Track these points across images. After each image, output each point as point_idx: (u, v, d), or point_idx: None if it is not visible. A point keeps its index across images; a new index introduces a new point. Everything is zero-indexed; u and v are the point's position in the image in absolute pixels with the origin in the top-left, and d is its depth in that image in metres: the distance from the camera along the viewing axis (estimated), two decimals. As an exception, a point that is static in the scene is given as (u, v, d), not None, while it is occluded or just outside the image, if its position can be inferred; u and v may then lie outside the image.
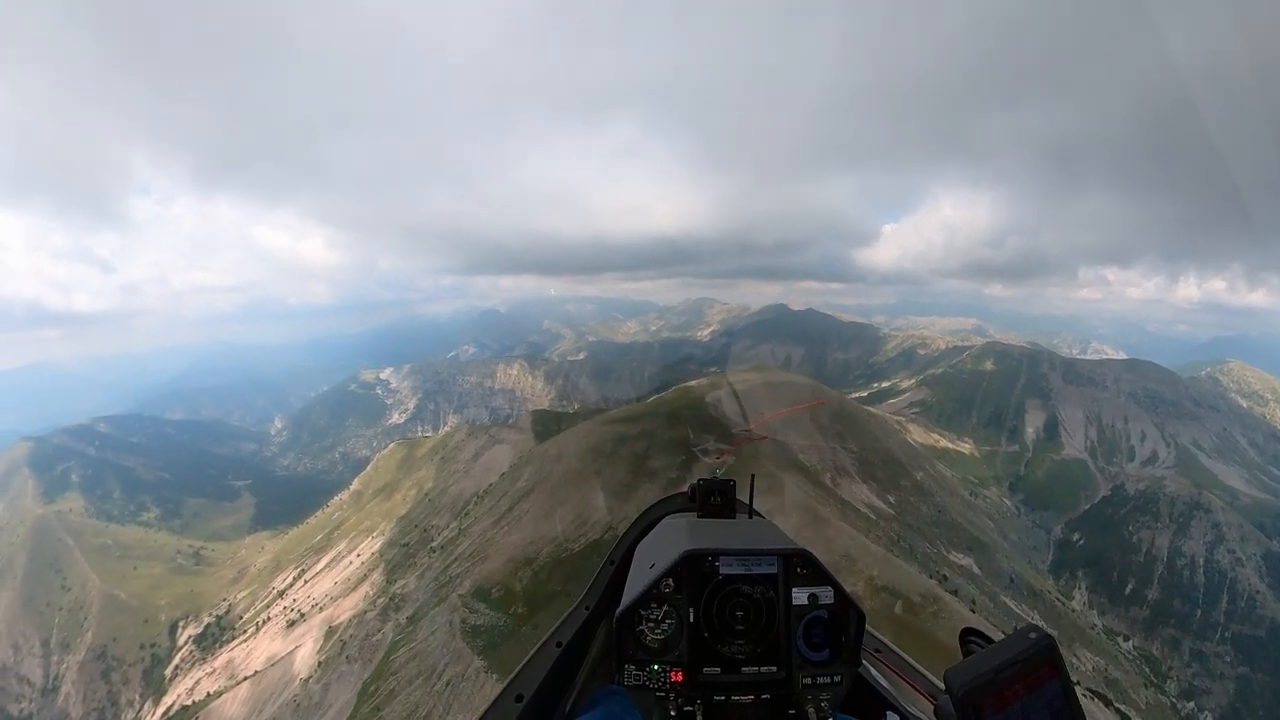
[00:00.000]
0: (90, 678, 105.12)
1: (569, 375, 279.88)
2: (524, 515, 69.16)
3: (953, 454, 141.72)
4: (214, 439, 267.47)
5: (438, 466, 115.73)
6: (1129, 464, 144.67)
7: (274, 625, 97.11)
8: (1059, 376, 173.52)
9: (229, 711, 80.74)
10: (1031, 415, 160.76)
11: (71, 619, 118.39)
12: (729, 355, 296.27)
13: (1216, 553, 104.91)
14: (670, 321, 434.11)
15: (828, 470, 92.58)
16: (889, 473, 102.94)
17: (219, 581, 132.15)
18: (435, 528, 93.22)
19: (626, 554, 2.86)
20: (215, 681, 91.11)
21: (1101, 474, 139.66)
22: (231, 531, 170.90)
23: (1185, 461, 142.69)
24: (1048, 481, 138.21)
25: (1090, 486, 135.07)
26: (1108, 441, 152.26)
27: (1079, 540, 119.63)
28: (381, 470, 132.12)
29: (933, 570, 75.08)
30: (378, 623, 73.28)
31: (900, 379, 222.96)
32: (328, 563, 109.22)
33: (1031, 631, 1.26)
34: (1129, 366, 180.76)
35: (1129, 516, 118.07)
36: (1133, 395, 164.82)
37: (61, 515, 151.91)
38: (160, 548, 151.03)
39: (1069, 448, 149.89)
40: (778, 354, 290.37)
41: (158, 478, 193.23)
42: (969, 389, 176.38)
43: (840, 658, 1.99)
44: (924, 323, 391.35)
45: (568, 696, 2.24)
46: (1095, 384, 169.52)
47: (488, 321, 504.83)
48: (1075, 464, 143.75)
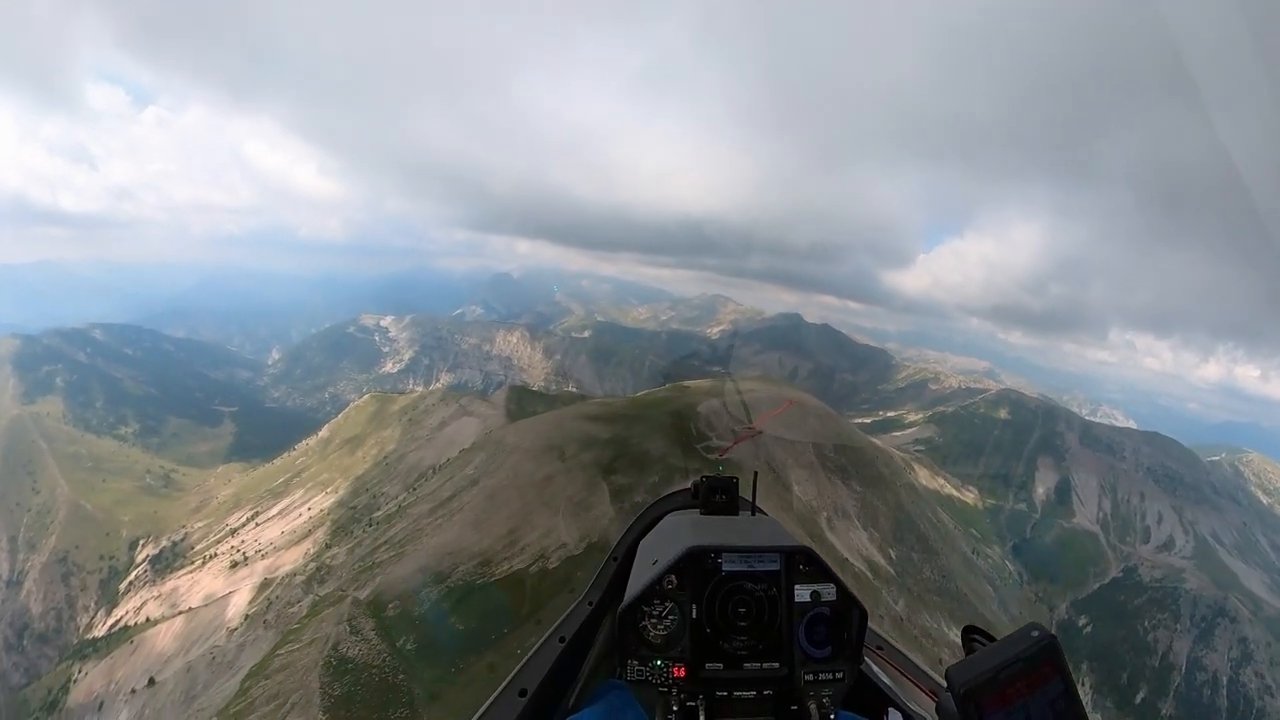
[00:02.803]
0: (51, 579, 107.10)
1: (568, 352, 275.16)
2: (458, 512, 61.70)
3: (956, 502, 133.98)
4: (210, 361, 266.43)
5: (403, 429, 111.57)
6: (1143, 545, 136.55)
7: (219, 563, 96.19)
8: (1075, 438, 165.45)
9: (160, 643, 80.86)
10: (1043, 474, 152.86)
11: (38, 521, 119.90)
12: (735, 357, 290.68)
13: (1243, 673, 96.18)
14: (682, 314, 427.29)
15: (825, 509, 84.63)
16: (893, 521, 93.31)
17: (182, 508, 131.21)
18: (384, 496, 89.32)
19: (629, 550, 2.83)
20: (160, 607, 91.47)
21: (1113, 551, 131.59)
22: (206, 458, 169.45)
23: (1204, 554, 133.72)
24: (1055, 550, 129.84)
25: (1100, 564, 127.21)
26: (1121, 517, 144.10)
27: (1086, 626, 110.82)
28: (352, 421, 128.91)
29: (931, 654, 67.73)
30: (300, 591, 69.46)
31: (908, 411, 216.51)
32: (280, 510, 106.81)
33: (1034, 630, 1.25)
34: (1148, 439, 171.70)
35: (1144, 610, 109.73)
36: (1151, 471, 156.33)
37: (38, 418, 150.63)
38: (132, 465, 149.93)
39: (1080, 516, 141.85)
40: (785, 364, 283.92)
41: (144, 392, 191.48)
42: (979, 435, 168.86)
43: (842, 655, 2.00)
44: (935, 357, 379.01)
45: (571, 691, 2.28)
46: (1113, 452, 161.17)
47: (499, 285, 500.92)
48: (1085, 535, 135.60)
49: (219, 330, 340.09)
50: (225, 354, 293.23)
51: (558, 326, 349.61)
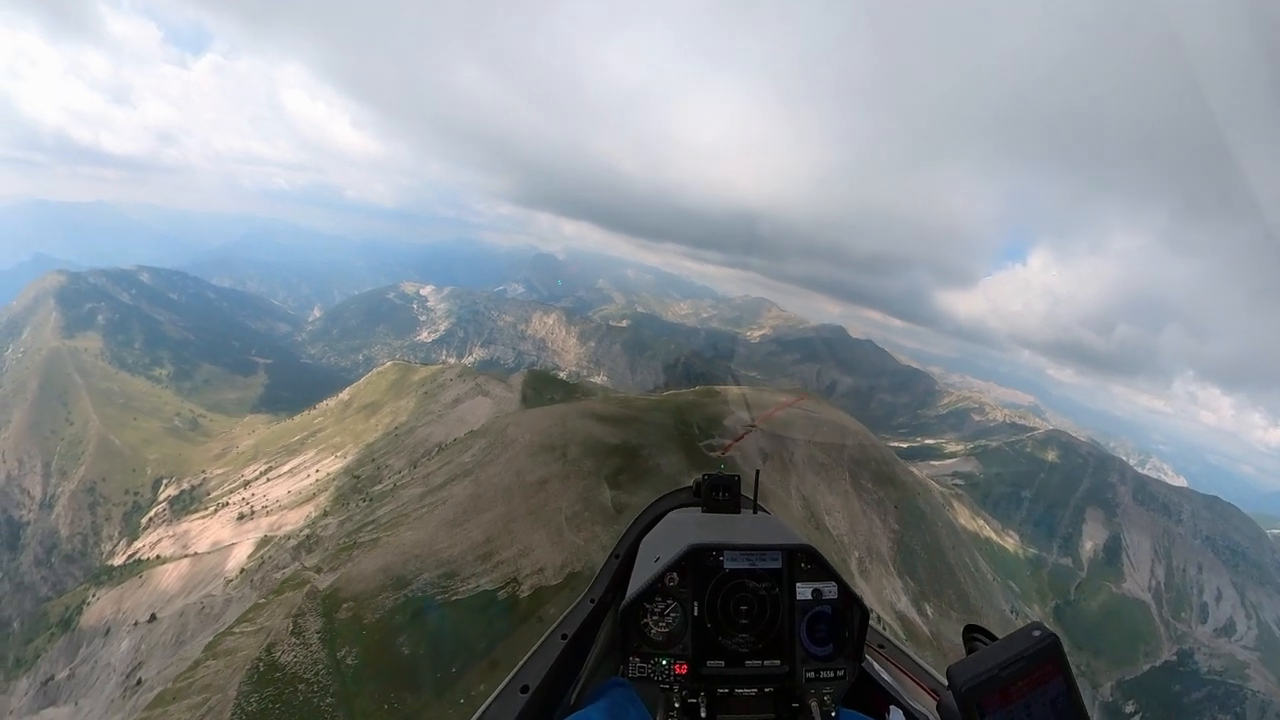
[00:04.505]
0: (79, 506, 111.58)
1: (603, 339, 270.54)
2: (441, 505, 56.12)
3: (995, 547, 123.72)
4: (252, 312, 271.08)
5: (418, 401, 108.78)
6: (1200, 625, 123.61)
7: (229, 512, 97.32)
8: (1128, 492, 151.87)
9: (165, 582, 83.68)
10: (1091, 528, 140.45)
11: (70, 450, 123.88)
12: (773, 365, 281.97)
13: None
14: (723, 313, 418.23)
15: (857, 548, 76.44)
16: (932, 571, 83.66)
17: (205, 453, 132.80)
18: (388, 469, 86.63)
19: (631, 547, 2.86)
20: (172, 546, 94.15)
21: (1166, 628, 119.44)
22: (235, 405, 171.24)
23: (1269, 646, 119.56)
24: (1101, 618, 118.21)
25: (1152, 641, 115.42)
26: (1176, 588, 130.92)
27: (1134, 715, 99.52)
28: (373, 386, 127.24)
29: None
30: (289, 557, 66.20)
31: (948, 440, 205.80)
32: (291, 468, 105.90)
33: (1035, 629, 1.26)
34: (1208, 503, 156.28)
35: (1202, 707, 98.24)
36: (1210, 540, 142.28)
37: (75, 352, 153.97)
38: (161, 406, 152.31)
39: (1130, 581, 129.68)
40: (824, 377, 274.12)
41: (182, 337, 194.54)
42: (1024, 475, 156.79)
43: (844, 653, 2.04)
44: (980, 386, 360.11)
45: (573, 688, 2.29)
46: (1169, 513, 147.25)
47: (543, 264, 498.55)
48: (1135, 605, 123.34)
49: (264, 283, 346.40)
50: (268, 307, 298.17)
51: (596, 313, 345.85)
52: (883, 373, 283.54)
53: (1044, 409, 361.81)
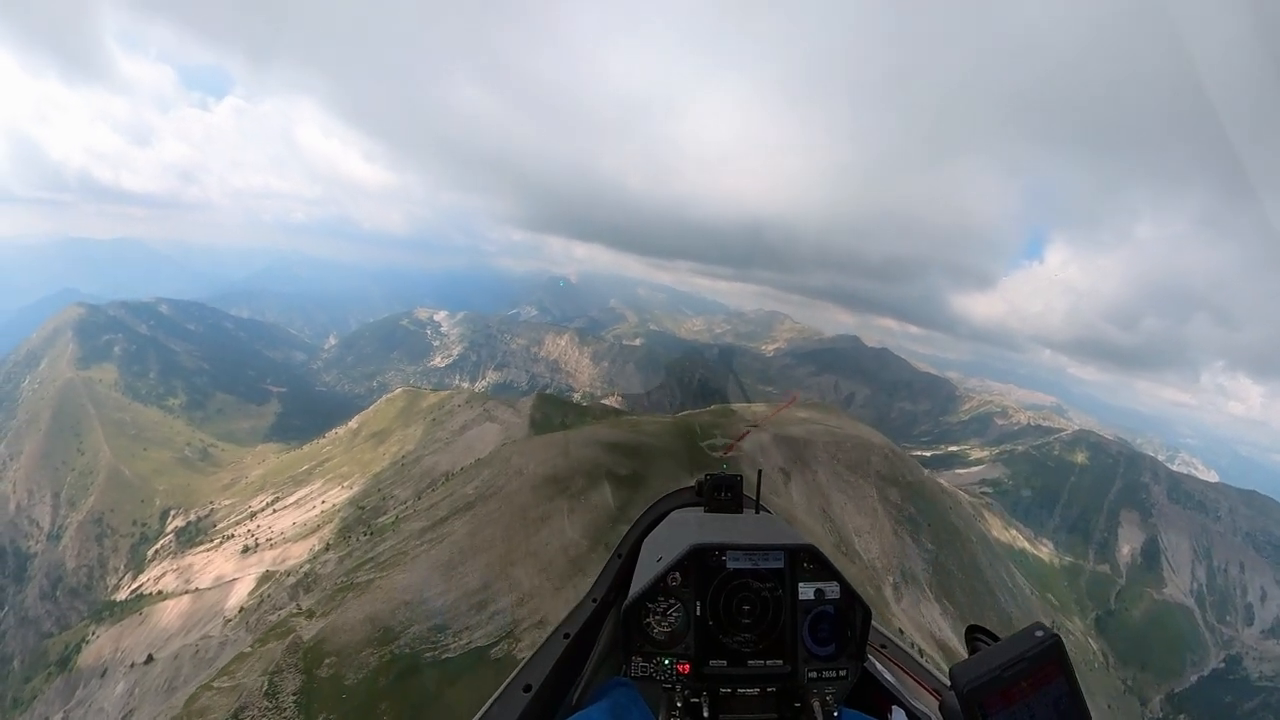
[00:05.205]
0: (86, 538, 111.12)
1: (616, 359, 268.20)
2: (438, 544, 52.36)
3: (1029, 557, 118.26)
4: (268, 342, 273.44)
5: (426, 428, 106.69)
6: (1246, 628, 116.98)
7: (234, 545, 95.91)
8: (1163, 491, 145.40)
9: (165, 619, 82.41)
10: (1127, 531, 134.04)
11: (80, 481, 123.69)
12: (789, 378, 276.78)
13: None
14: (737, 328, 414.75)
15: (891, 572, 71.47)
16: (971, 593, 78.21)
17: (214, 483, 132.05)
18: (394, 500, 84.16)
19: (634, 547, 2.85)
20: (175, 580, 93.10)
21: (1211, 633, 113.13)
22: (247, 435, 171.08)
23: None
24: (1145, 627, 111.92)
25: (1198, 649, 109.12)
26: (1219, 590, 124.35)
27: None
28: (382, 414, 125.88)
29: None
30: (286, 596, 63.19)
31: (972, 447, 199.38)
32: (298, 499, 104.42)
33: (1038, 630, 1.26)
34: (1245, 499, 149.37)
35: (1256, 717, 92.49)
36: (1250, 537, 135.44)
37: (89, 383, 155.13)
38: (173, 436, 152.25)
39: (1171, 586, 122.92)
40: (841, 389, 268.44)
41: (197, 366, 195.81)
42: (1054, 480, 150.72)
43: (846, 653, 2.02)
44: (1000, 389, 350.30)
45: (575, 687, 2.29)
46: (1206, 511, 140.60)
47: (555, 288, 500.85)
48: (1179, 611, 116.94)
49: (282, 313, 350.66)
50: (285, 336, 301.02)
51: (609, 333, 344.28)
52: (900, 381, 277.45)
53: (1066, 408, 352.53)
